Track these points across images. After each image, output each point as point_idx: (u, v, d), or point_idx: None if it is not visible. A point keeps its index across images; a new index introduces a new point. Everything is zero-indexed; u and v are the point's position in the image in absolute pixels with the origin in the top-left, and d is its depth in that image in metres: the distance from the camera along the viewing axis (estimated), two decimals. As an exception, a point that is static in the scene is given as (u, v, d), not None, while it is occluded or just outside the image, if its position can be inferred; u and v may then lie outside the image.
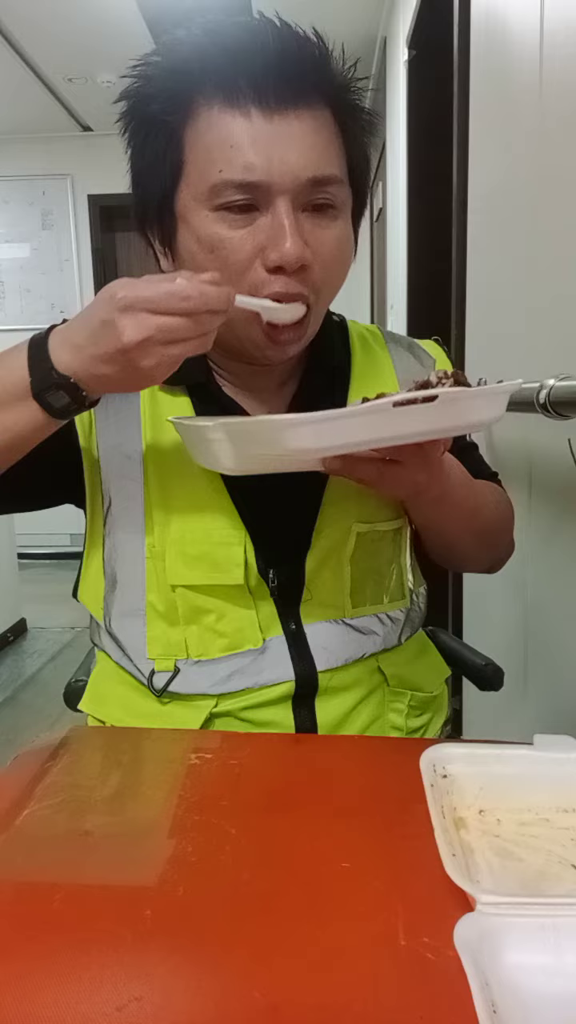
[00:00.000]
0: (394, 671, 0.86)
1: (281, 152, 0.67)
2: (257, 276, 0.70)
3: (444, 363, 0.91)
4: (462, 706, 1.98)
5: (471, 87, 1.72)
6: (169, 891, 0.50)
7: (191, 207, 0.70)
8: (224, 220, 0.69)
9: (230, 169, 0.67)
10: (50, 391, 0.62)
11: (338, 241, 0.73)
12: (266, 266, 0.69)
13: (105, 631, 0.86)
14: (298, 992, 0.42)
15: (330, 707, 0.82)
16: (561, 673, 1.23)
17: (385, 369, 0.88)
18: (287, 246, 0.67)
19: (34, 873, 0.53)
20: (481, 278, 1.71)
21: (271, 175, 0.67)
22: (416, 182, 2.63)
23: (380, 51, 3.53)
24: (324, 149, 0.70)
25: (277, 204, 0.68)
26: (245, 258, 0.69)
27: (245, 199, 0.68)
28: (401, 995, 0.41)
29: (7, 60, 3.78)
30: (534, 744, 0.62)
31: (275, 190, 0.68)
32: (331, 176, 0.70)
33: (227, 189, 0.68)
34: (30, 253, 5.09)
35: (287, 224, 0.68)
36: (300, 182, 0.68)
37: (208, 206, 0.69)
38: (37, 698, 2.95)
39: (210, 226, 0.69)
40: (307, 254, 0.69)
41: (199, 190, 0.69)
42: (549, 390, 0.95)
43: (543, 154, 1.20)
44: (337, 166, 0.71)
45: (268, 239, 0.68)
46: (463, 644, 1.12)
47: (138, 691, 0.84)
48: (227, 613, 0.80)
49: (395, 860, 0.53)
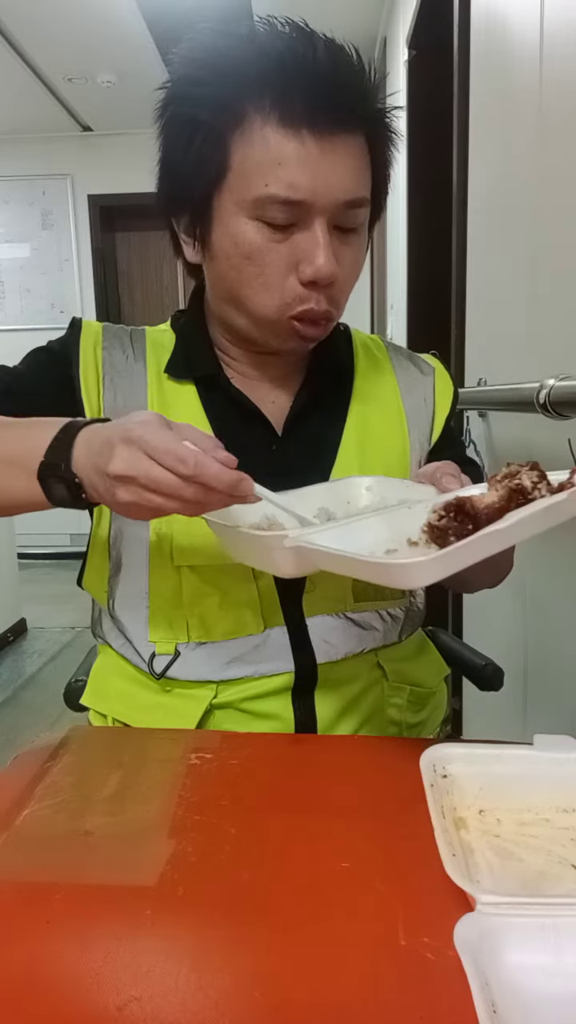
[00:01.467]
0: (393, 666, 0.87)
1: (325, 175, 0.70)
2: (292, 288, 0.74)
3: (443, 374, 0.93)
4: (462, 706, 1.98)
5: (471, 87, 1.72)
6: (169, 891, 0.50)
7: (231, 211, 0.72)
8: (262, 231, 0.72)
9: (276, 185, 0.70)
10: (53, 479, 0.63)
11: (358, 255, 0.78)
12: (301, 280, 0.73)
13: (108, 616, 0.87)
14: (298, 992, 0.42)
15: (329, 700, 0.83)
16: (561, 673, 1.23)
17: (387, 375, 0.91)
18: (322, 262, 0.71)
19: (34, 873, 0.53)
20: (481, 278, 1.71)
21: (314, 196, 0.70)
22: (416, 182, 2.63)
23: (380, 51, 3.53)
24: (361, 173, 0.73)
25: (315, 223, 0.71)
26: (282, 270, 0.73)
27: (286, 215, 0.71)
28: (401, 995, 0.41)
29: (7, 60, 3.78)
30: (534, 744, 0.62)
31: (316, 210, 0.71)
32: (362, 199, 0.74)
33: (271, 204, 0.70)
34: (30, 253, 5.09)
35: (323, 242, 0.71)
36: (338, 204, 0.71)
37: (249, 214, 0.72)
38: (37, 698, 2.95)
39: (249, 233, 0.72)
40: (338, 271, 0.73)
41: (242, 197, 0.71)
42: (549, 390, 0.95)
43: (543, 154, 1.20)
44: (367, 188, 0.75)
45: (304, 253, 0.72)
46: (463, 644, 1.12)
47: (138, 683, 0.85)
48: (229, 596, 0.81)
49: (395, 860, 0.53)
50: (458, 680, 1.91)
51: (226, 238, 0.74)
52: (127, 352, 0.84)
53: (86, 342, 0.83)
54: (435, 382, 0.92)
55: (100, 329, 0.85)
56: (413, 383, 0.91)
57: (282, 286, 0.74)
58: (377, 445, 0.86)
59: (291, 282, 0.74)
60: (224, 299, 0.79)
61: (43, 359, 0.84)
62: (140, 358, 0.84)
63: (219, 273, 0.77)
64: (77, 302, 5.07)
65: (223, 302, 0.80)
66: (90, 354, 0.83)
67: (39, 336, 1.03)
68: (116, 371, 0.82)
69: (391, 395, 0.89)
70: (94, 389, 0.81)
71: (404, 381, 0.91)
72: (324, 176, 0.70)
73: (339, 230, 0.74)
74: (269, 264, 0.73)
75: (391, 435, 0.87)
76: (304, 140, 0.69)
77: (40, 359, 0.84)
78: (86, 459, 0.62)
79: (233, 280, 0.75)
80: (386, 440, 0.86)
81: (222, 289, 0.78)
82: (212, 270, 0.78)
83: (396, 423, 0.88)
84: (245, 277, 0.74)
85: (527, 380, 1.07)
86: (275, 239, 0.72)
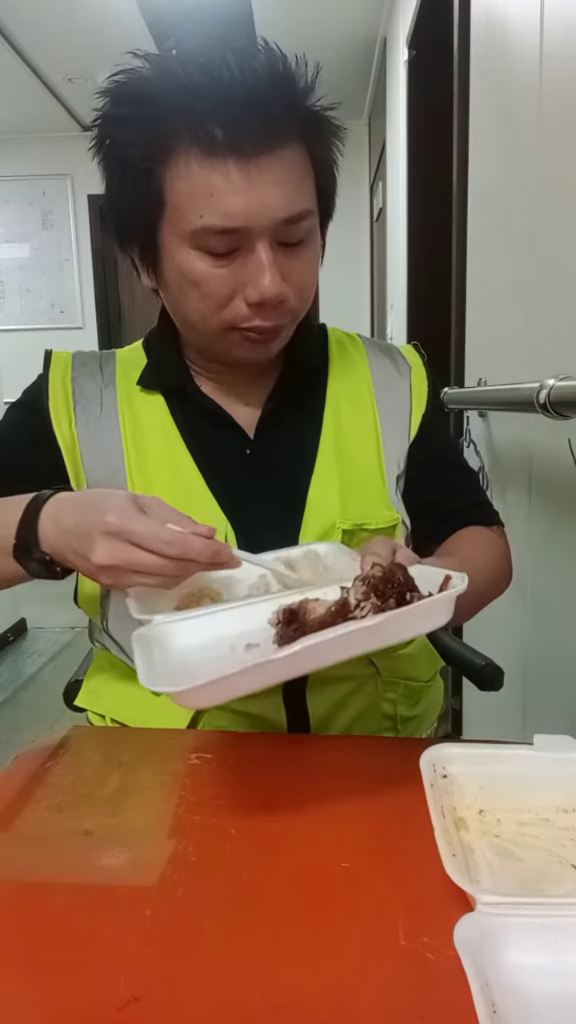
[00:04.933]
0: (386, 662, 0.87)
1: (260, 198, 0.69)
2: (238, 311, 0.74)
3: (420, 371, 0.93)
4: (462, 706, 1.98)
5: (471, 87, 1.72)
6: (169, 891, 0.50)
7: (175, 243, 0.73)
8: (205, 259, 0.72)
9: (211, 216, 0.69)
10: (26, 559, 0.68)
11: (308, 264, 0.76)
12: (248, 302, 0.73)
13: (104, 632, 0.87)
14: (298, 992, 0.42)
15: (321, 698, 0.82)
16: (561, 673, 1.23)
17: (362, 374, 0.91)
18: (267, 284, 0.71)
19: (34, 873, 0.53)
20: (481, 278, 1.71)
21: (251, 220, 0.69)
22: (416, 182, 2.63)
23: (380, 51, 3.53)
24: (299, 186, 0.72)
25: (257, 245, 0.71)
26: (226, 294, 0.73)
27: (225, 242, 0.71)
28: (401, 995, 0.41)
29: (7, 60, 3.78)
30: (534, 744, 0.62)
31: (255, 233, 0.70)
32: (304, 211, 0.72)
33: (209, 235, 0.70)
34: (30, 253, 5.08)
35: (267, 263, 0.71)
36: (276, 223, 0.71)
37: (191, 244, 0.72)
38: (37, 698, 2.95)
39: (193, 263, 0.72)
40: (286, 289, 0.73)
41: (181, 229, 0.71)
42: (549, 390, 0.95)
43: (543, 154, 1.20)
44: (309, 198, 0.74)
45: (248, 276, 0.72)
46: (463, 644, 1.11)
47: (134, 681, 0.84)
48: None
49: (395, 860, 0.53)
50: (458, 680, 1.91)
51: (172, 268, 0.74)
52: (96, 378, 0.87)
53: (55, 374, 0.86)
54: (411, 382, 0.91)
55: (70, 358, 0.89)
56: (389, 383, 0.91)
57: (229, 308, 0.74)
58: (352, 447, 0.86)
59: (238, 304, 0.74)
60: (179, 320, 0.82)
61: (17, 417, 0.87)
62: (110, 382, 0.87)
63: (171, 299, 0.79)
64: (77, 302, 5.07)
65: (179, 322, 0.82)
66: (59, 385, 0.86)
67: (39, 336, 1.04)
68: (86, 398, 0.85)
69: (365, 396, 0.89)
70: (64, 418, 0.84)
71: (380, 381, 0.90)
72: (259, 199, 0.69)
73: (285, 246, 0.73)
74: (215, 288, 0.73)
75: (364, 437, 0.87)
76: (229, 169, 0.68)
77: (15, 417, 0.88)
78: (56, 536, 0.66)
79: (183, 305, 0.77)
80: (359, 441, 0.86)
81: (176, 313, 0.81)
82: (165, 295, 0.80)
83: (369, 424, 0.87)
84: (193, 302, 0.75)
85: (527, 380, 1.07)
86: (219, 264, 0.72)
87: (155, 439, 0.84)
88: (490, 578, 0.86)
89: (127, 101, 0.71)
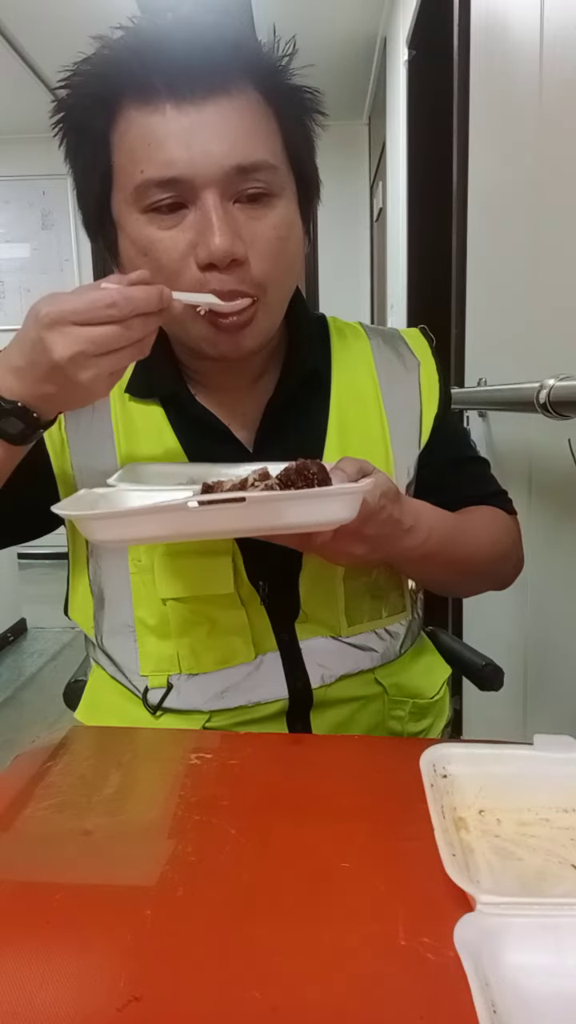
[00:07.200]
0: (393, 681, 0.85)
1: (201, 143, 0.65)
2: (192, 275, 0.68)
3: (429, 364, 0.87)
4: (462, 706, 1.98)
5: (471, 87, 1.72)
6: (169, 891, 0.50)
7: (124, 211, 0.69)
8: (154, 221, 0.68)
9: (151, 167, 0.66)
10: (2, 419, 0.61)
11: (276, 229, 0.69)
12: (198, 263, 0.67)
13: (98, 648, 0.86)
14: (298, 992, 0.42)
15: (325, 719, 0.82)
16: (561, 673, 1.23)
17: (365, 366, 0.85)
18: (216, 240, 0.65)
19: (34, 873, 0.53)
20: (481, 278, 1.71)
21: (193, 168, 0.65)
22: (416, 182, 2.63)
23: (380, 51, 3.53)
24: (250, 135, 0.67)
25: (204, 198, 0.66)
26: (177, 258, 0.67)
27: (171, 197, 0.66)
28: (401, 995, 0.41)
29: (7, 60, 3.78)
30: (534, 744, 0.62)
31: (199, 183, 0.66)
32: (260, 162, 0.67)
33: (151, 188, 0.66)
34: (30, 253, 5.09)
35: (214, 218, 0.66)
36: (225, 171, 0.66)
37: (138, 208, 0.68)
38: (37, 698, 2.95)
39: (141, 229, 0.68)
40: (238, 247, 0.66)
41: (127, 193, 0.68)
42: (549, 390, 0.95)
43: (543, 154, 1.20)
44: (268, 151, 0.69)
45: (197, 235, 0.67)
46: (463, 644, 1.12)
47: (132, 701, 0.84)
48: (219, 625, 0.79)
49: (395, 860, 0.53)
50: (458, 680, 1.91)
51: (127, 242, 0.70)
52: None
53: None
54: (420, 379, 0.85)
55: None
56: (395, 380, 0.84)
57: (183, 277, 0.68)
58: (358, 450, 0.80)
59: (191, 270, 0.67)
60: None
61: None
62: None
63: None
64: (77, 302, 5.07)
65: None
66: None
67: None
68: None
69: (370, 395, 0.83)
70: (55, 424, 0.79)
71: (385, 378, 0.84)
72: (200, 145, 0.65)
73: (246, 203, 0.68)
74: (165, 253, 0.67)
75: (371, 444, 0.81)
76: (167, 113, 0.65)
77: None
78: (17, 379, 0.60)
79: None
80: (366, 450, 0.80)
81: None
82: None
83: (376, 429, 0.82)
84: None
85: (527, 380, 1.07)
86: (167, 226, 0.67)
87: (149, 443, 0.79)
88: (494, 547, 0.83)
89: (78, 70, 0.69)
